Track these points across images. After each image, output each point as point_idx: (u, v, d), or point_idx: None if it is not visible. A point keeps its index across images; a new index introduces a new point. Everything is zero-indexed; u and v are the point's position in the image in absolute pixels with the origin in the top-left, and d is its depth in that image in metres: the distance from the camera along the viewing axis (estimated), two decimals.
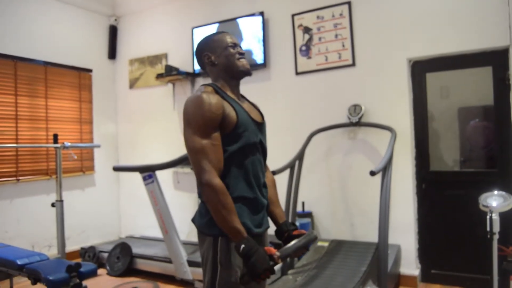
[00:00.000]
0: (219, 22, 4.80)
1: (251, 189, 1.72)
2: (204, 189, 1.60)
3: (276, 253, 1.58)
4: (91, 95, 5.47)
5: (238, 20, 4.66)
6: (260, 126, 1.84)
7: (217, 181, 1.59)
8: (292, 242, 1.65)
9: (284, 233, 1.83)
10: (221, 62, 1.79)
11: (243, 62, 1.81)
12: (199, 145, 1.61)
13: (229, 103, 1.70)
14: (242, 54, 1.82)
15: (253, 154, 1.74)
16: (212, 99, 1.65)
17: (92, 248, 4.73)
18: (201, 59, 1.85)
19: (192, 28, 4.98)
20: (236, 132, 1.68)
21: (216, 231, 1.65)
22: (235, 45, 1.82)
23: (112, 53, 5.75)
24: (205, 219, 1.70)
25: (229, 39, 1.82)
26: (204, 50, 1.83)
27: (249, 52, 4.56)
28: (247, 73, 1.83)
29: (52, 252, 4.51)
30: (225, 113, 1.65)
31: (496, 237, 2.69)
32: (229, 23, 4.72)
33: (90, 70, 5.45)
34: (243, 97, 1.90)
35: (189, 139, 1.64)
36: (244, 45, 4.58)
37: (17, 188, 4.55)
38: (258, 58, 4.52)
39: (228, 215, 1.57)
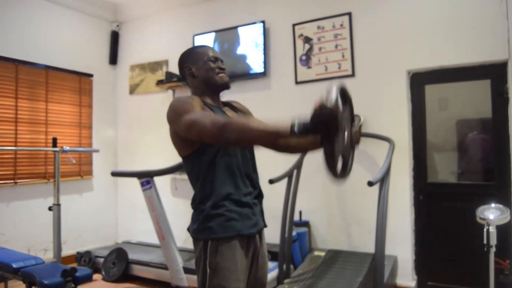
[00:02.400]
0: (220, 30, 4.83)
1: (238, 191, 1.73)
2: (226, 130, 1.49)
3: (320, 102, 1.35)
4: (91, 100, 5.48)
5: (239, 29, 4.69)
6: None
7: (225, 119, 1.61)
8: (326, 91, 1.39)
9: None
10: (200, 74, 1.86)
11: (222, 76, 1.87)
12: (193, 115, 1.63)
13: (208, 107, 1.77)
14: (222, 69, 1.88)
15: (238, 155, 1.77)
16: (194, 98, 1.76)
17: (88, 252, 4.71)
18: (182, 69, 1.93)
19: (194, 36, 5.01)
20: None
21: (205, 235, 1.69)
22: (216, 59, 1.88)
23: (113, 59, 5.77)
24: (195, 225, 1.74)
25: (211, 53, 1.89)
26: (186, 61, 1.90)
27: (244, 57, 4.59)
28: (225, 86, 1.89)
29: (48, 256, 4.49)
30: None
31: (493, 250, 2.69)
32: (229, 32, 4.76)
33: (91, 75, 5.47)
34: (225, 104, 1.96)
35: (186, 119, 1.63)
36: (244, 53, 4.61)
37: (15, 191, 4.54)
38: (258, 67, 4.54)
39: (260, 126, 1.46)
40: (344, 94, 1.49)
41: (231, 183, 1.72)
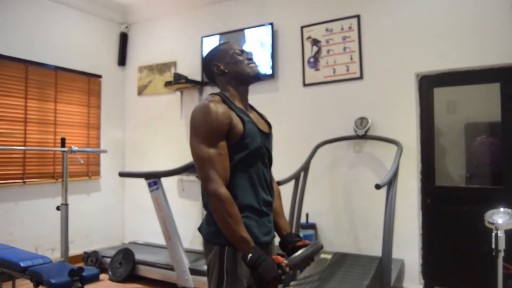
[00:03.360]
0: (228, 32, 4.84)
1: (258, 199, 1.71)
2: (210, 198, 1.60)
3: (284, 261, 1.56)
4: (100, 101, 5.52)
5: (247, 31, 4.70)
6: (267, 136, 1.84)
7: (223, 190, 1.59)
8: (299, 251, 1.63)
9: (289, 244, 1.82)
10: (230, 69, 1.79)
11: (252, 66, 1.81)
12: (206, 154, 1.61)
13: (236, 113, 1.70)
14: (250, 59, 1.83)
15: (259, 164, 1.74)
16: (220, 108, 1.65)
17: (95, 252, 4.73)
18: (210, 70, 1.85)
19: (202, 38, 5.03)
20: (242, 142, 1.68)
21: (223, 241, 1.64)
22: (242, 52, 1.84)
23: (122, 60, 5.81)
24: (212, 228, 1.69)
25: (235, 47, 1.84)
26: (213, 60, 1.83)
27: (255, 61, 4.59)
28: (258, 77, 1.83)
29: (55, 255, 4.52)
30: (232, 123, 1.65)
31: (501, 254, 2.67)
32: (238, 33, 4.77)
33: (100, 76, 5.51)
34: (251, 107, 1.90)
35: (196, 148, 1.64)
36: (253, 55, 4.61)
37: (23, 191, 4.58)
38: (267, 69, 4.54)
39: (234, 224, 1.57)
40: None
41: (252, 191, 1.70)
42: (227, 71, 1.80)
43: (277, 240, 1.84)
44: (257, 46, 4.62)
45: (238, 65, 1.79)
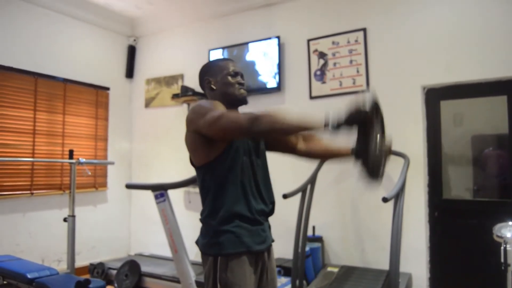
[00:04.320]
0: (235, 45, 4.88)
1: (249, 208, 1.73)
2: (260, 121, 1.51)
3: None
4: (108, 113, 5.57)
5: (254, 44, 4.74)
6: (258, 144, 1.87)
7: (254, 113, 1.54)
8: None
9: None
10: (219, 88, 1.86)
11: (240, 91, 1.87)
12: (219, 111, 1.64)
13: None
14: (241, 84, 1.88)
15: (250, 173, 1.77)
16: (218, 102, 1.77)
17: (101, 264, 4.73)
18: (202, 81, 1.93)
19: (209, 50, 5.07)
20: (230, 151, 1.72)
21: (215, 251, 1.69)
22: (236, 74, 1.88)
23: (130, 72, 5.86)
24: (205, 239, 1.75)
25: (231, 67, 1.88)
26: (206, 74, 1.91)
27: (259, 72, 4.62)
28: (243, 101, 1.89)
29: (61, 266, 4.52)
30: None
31: (510, 268, 2.64)
32: (245, 46, 4.81)
33: (108, 88, 5.56)
34: None
35: (208, 116, 1.64)
36: (258, 67, 4.65)
37: (31, 202, 4.60)
38: (273, 81, 4.57)
39: (291, 118, 1.51)
40: (377, 108, 1.57)
41: (242, 199, 1.72)
42: (215, 88, 1.87)
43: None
44: (265, 59, 4.65)
45: (228, 86, 1.85)
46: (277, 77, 4.56)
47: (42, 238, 4.64)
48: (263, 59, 4.67)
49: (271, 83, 4.58)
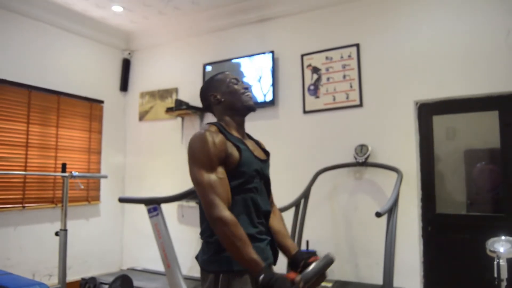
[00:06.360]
0: (229, 60, 4.91)
1: (253, 226, 1.72)
2: (216, 223, 1.59)
3: (297, 277, 1.53)
4: (101, 126, 5.55)
5: (248, 58, 4.77)
6: (264, 162, 1.86)
7: (227, 213, 1.59)
8: (311, 266, 1.60)
9: (300, 262, 1.79)
10: (226, 98, 1.84)
11: (247, 97, 1.85)
12: (206, 180, 1.62)
13: (232, 142, 1.73)
14: (246, 88, 1.87)
15: (254, 191, 1.75)
16: (216, 138, 1.68)
17: (92, 279, 4.66)
18: (207, 99, 1.89)
19: (204, 65, 5.10)
20: (238, 170, 1.70)
21: (217, 268, 1.66)
22: (238, 81, 1.88)
23: (124, 86, 5.87)
24: (206, 256, 1.71)
25: (231, 76, 1.89)
26: (209, 90, 1.88)
27: (253, 86, 4.65)
28: (251, 108, 1.87)
29: (52, 281, 4.47)
30: (227, 152, 1.68)
31: (504, 284, 2.64)
32: (239, 61, 4.84)
33: (102, 102, 5.56)
34: (248, 135, 1.93)
35: (196, 175, 1.65)
36: (253, 83, 4.67)
37: (22, 215, 4.55)
38: (267, 96, 4.60)
39: (242, 247, 1.55)
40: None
41: (245, 218, 1.70)
42: (223, 100, 1.84)
43: (281, 265, 1.83)
44: (259, 73, 4.68)
45: (234, 94, 1.84)
46: (271, 91, 4.59)
47: (33, 252, 4.58)
48: (257, 73, 4.70)
49: (265, 97, 4.61)
